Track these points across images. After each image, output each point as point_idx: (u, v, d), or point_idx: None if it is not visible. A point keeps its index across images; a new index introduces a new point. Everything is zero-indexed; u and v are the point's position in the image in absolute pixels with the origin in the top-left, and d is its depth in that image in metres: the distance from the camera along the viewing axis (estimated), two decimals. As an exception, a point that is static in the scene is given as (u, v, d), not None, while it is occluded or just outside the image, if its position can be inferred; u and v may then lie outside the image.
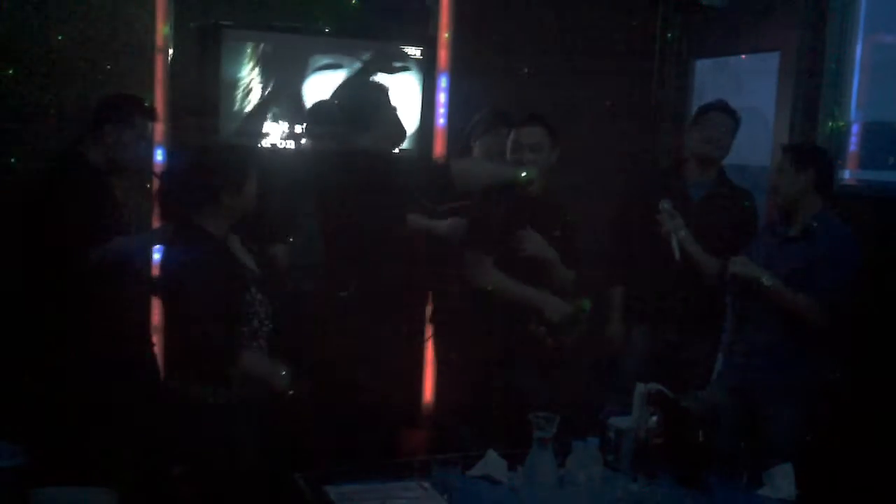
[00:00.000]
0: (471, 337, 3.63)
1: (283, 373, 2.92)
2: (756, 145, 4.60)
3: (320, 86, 4.52)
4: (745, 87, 5.12)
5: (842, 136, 4.56)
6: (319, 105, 4.13)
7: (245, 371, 2.89)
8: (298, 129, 4.48)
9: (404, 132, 3.89)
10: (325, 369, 3.41)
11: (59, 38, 4.21)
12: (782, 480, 2.80)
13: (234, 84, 4.46)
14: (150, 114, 3.87)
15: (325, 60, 4.59)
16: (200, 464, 2.89)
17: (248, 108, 4.49)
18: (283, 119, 4.55)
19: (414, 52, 4.77)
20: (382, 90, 3.74)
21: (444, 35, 4.73)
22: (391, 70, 4.53)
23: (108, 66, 4.29)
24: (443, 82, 4.75)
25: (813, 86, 4.58)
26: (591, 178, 4.58)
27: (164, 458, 3.33)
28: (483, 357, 3.58)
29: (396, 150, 3.96)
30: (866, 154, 4.52)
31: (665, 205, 3.75)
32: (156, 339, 4.09)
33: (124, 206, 3.91)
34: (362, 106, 3.65)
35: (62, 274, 3.51)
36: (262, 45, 4.50)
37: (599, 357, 4.27)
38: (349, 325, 3.47)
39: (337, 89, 4.14)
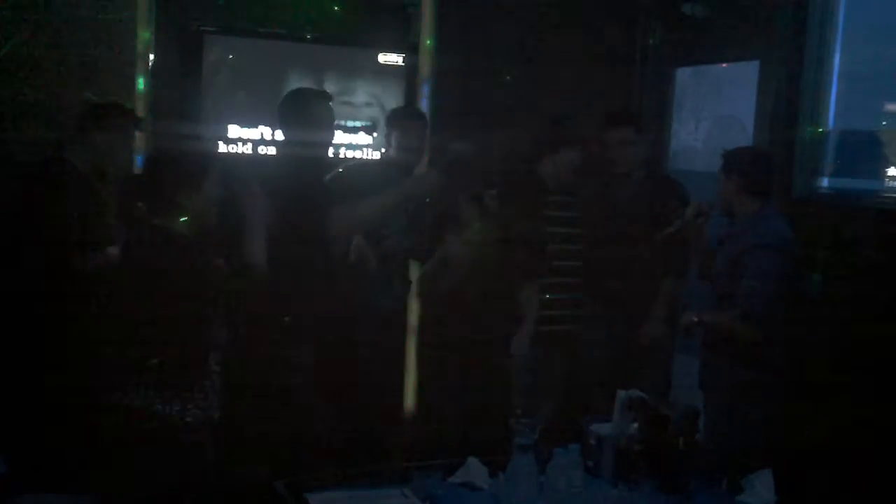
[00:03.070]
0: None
1: None
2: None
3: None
4: (725, 95, 5.16)
5: (819, 144, 4.60)
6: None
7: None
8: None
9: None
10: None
11: (40, 43, 4.19)
12: (762, 487, 2.82)
13: (215, 89, 4.46)
14: (138, 122, 3.89)
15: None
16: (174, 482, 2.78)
17: (229, 114, 4.49)
18: (262, 125, 4.55)
19: (396, 58, 4.78)
20: (323, 96, 3.77)
21: (426, 42, 4.73)
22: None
23: (89, 72, 4.28)
24: (425, 90, 4.75)
25: (792, 95, 4.61)
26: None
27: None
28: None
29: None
30: (843, 162, 4.56)
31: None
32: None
33: (110, 211, 3.90)
34: (299, 110, 3.67)
35: (49, 279, 3.48)
36: (243, 51, 4.51)
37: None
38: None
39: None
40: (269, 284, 3.29)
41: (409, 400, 4.62)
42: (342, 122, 4.61)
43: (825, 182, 4.61)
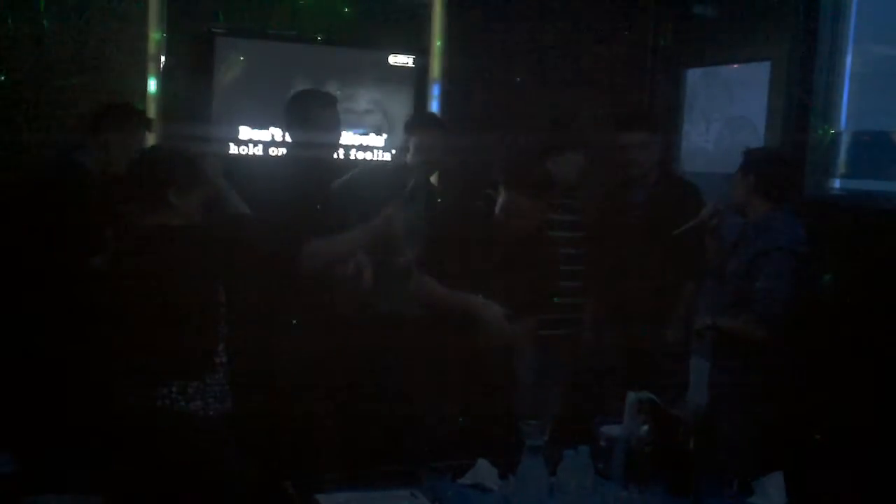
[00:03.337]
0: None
1: None
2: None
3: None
4: (736, 96, 5.14)
5: (831, 145, 4.58)
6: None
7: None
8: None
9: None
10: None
11: (51, 45, 4.21)
12: (773, 489, 2.81)
13: (226, 91, 4.47)
14: (148, 123, 3.92)
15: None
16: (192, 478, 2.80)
17: (241, 115, 4.50)
18: (273, 126, 4.55)
19: (406, 60, 4.78)
20: (326, 98, 3.77)
21: (437, 43, 4.73)
22: None
23: (100, 74, 4.29)
24: (435, 91, 4.75)
25: (803, 95, 4.60)
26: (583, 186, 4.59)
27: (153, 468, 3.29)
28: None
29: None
30: (855, 163, 4.54)
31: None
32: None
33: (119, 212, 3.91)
34: (300, 112, 3.67)
35: (60, 280, 3.50)
36: (254, 53, 4.52)
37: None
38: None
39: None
40: (268, 285, 3.31)
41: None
42: (353, 126, 4.62)
43: (837, 183, 4.58)
